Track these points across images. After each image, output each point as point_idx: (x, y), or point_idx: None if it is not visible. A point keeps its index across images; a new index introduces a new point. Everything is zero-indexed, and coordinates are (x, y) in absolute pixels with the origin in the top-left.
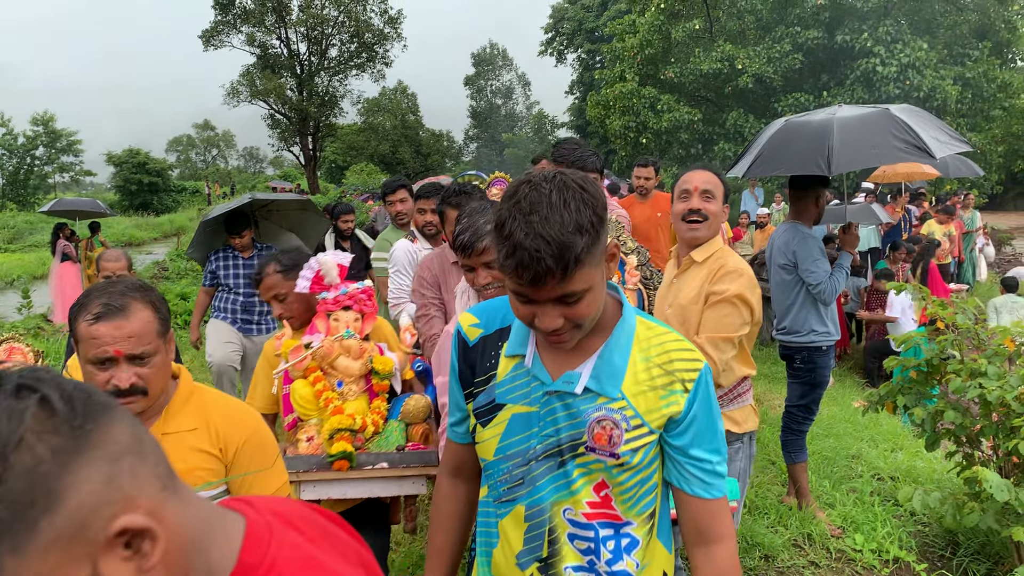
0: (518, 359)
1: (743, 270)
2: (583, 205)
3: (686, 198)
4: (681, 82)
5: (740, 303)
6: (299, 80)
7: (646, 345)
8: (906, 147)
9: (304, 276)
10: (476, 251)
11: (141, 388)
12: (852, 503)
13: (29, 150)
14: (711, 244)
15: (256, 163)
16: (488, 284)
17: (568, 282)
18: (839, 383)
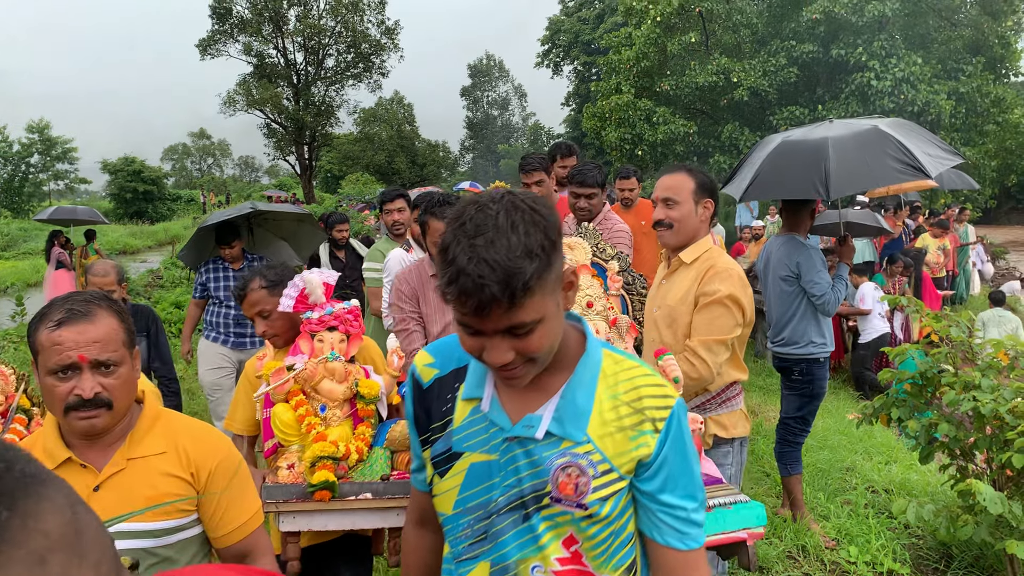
0: (475, 402)
1: (733, 270)
2: (533, 228)
3: (655, 206)
4: (677, 95)
5: (732, 304)
6: (295, 90)
7: (613, 381)
8: (903, 168)
9: (288, 294)
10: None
11: (106, 400)
12: (846, 515)
13: (24, 157)
14: (700, 244)
15: (252, 172)
16: None
17: (516, 312)
18: (833, 395)
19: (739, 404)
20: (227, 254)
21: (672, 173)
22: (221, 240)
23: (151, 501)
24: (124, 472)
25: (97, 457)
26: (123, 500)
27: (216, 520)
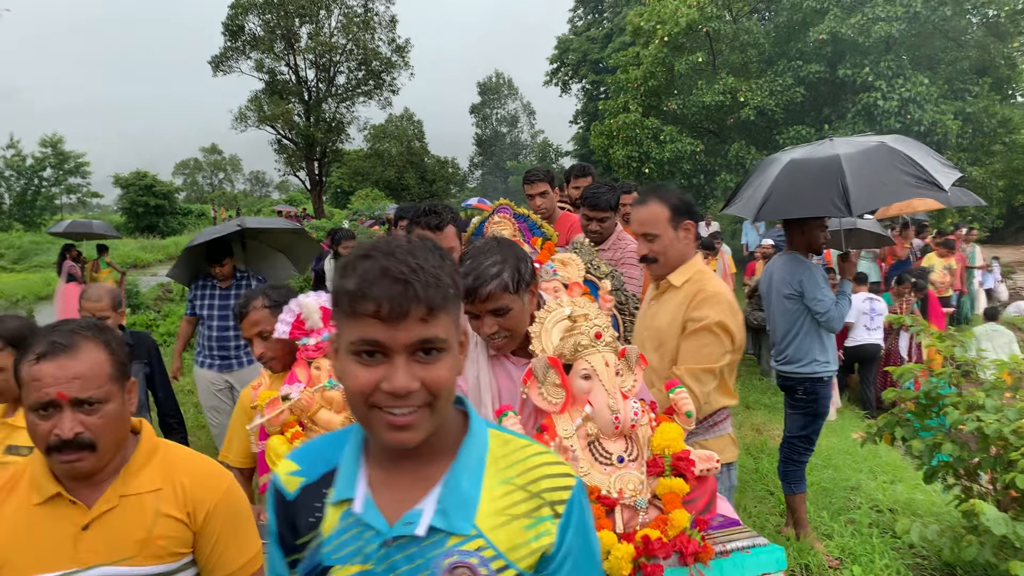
0: (347, 505)
1: (722, 295)
2: (447, 259)
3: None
4: (684, 113)
5: (720, 331)
6: (307, 106)
7: (504, 464)
8: (917, 182)
9: (283, 320)
10: (481, 297)
11: (87, 440)
12: (850, 534)
13: (37, 171)
14: (689, 266)
15: (262, 187)
16: (495, 333)
17: (433, 323)
18: (839, 414)
19: (727, 429)
20: (217, 272)
21: (644, 205)
22: (211, 258)
23: (142, 544)
24: (116, 510)
25: (88, 493)
26: (113, 541)
27: (213, 562)
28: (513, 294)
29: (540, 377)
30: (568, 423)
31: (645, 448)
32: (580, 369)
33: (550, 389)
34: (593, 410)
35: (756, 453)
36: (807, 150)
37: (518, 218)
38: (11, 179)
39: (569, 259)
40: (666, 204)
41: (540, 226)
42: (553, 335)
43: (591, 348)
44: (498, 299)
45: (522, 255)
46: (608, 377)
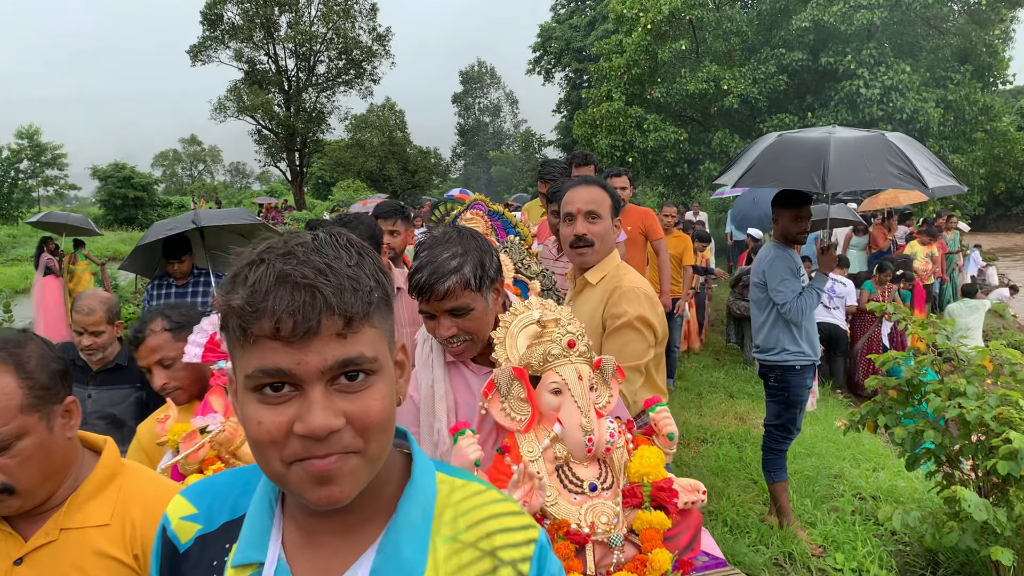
0: (253, 569)
1: (639, 288)
2: (367, 254)
3: (570, 222)
4: (667, 102)
5: (642, 326)
6: (287, 96)
7: (451, 516)
8: (900, 173)
9: (195, 341)
10: (438, 294)
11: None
12: (833, 522)
13: (13, 163)
14: (605, 263)
15: (243, 178)
16: (453, 337)
17: (353, 339)
18: (822, 402)
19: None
20: (174, 269)
21: (590, 186)
22: (169, 253)
23: None
24: (54, 545)
25: (27, 523)
26: None
27: None
28: (475, 292)
29: (503, 390)
30: (534, 444)
31: (621, 475)
32: (549, 382)
33: (514, 404)
34: (563, 430)
35: (739, 442)
36: (806, 131)
37: (492, 215)
38: None
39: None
40: (609, 195)
41: (515, 225)
42: (519, 342)
43: (562, 358)
44: (457, 297)
45: (486, 247)
46: (581, 392)
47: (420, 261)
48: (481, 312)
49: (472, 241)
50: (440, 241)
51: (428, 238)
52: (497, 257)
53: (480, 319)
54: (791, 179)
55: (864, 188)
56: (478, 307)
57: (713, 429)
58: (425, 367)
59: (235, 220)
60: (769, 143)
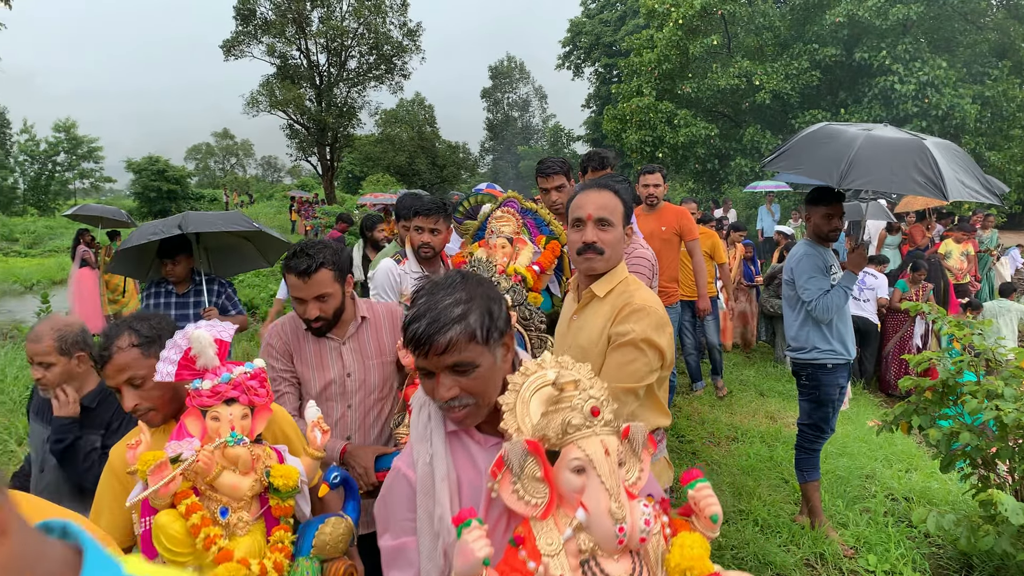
0: None
1: (651, 307)
2: None
3: (579, 228)
4: (698, 97)
5: (647, 347)
6: (318, 91)
7: None
8: (924, 181)
9: (167, 358)
10: (438, 347)
11: None
12: (865, 523)
13: (51, 156)
14: (613, 275)
15: (274, 172)
16: (455, 399)
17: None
18: (854, 402)
19: (663, 452)
20: (170, 272)
21: (600, 190)
22: (163, 252)
23: None
24: None
25: None
26: None
27: None
28: (481, 345)
29: (515, 468)
30: (554, 533)
31: (659, 569)
32: (571, 459)
33: (529, 485)
34: (588, 517)
35: (770, 441)
36: (850, 124)
37: (524, 213)
38: (25, 164)
39: None
40: (622, 200)
41: (548, 223)
42: (532, 408)
43: (585, 429)
44: (461, 350)
45: (494, 295)
46: (609, 470)
47: (417, 309)
48: (488, 370)
49: (478, 287)
50: (441, 286)
51: (427, 282)
52: (506, 307)
53: (486, 378)
54: (813, 170)
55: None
56: (484, 364)
57: (744, 427)
58: (422, 439)
59: (228, 225)
60: (812, 129)
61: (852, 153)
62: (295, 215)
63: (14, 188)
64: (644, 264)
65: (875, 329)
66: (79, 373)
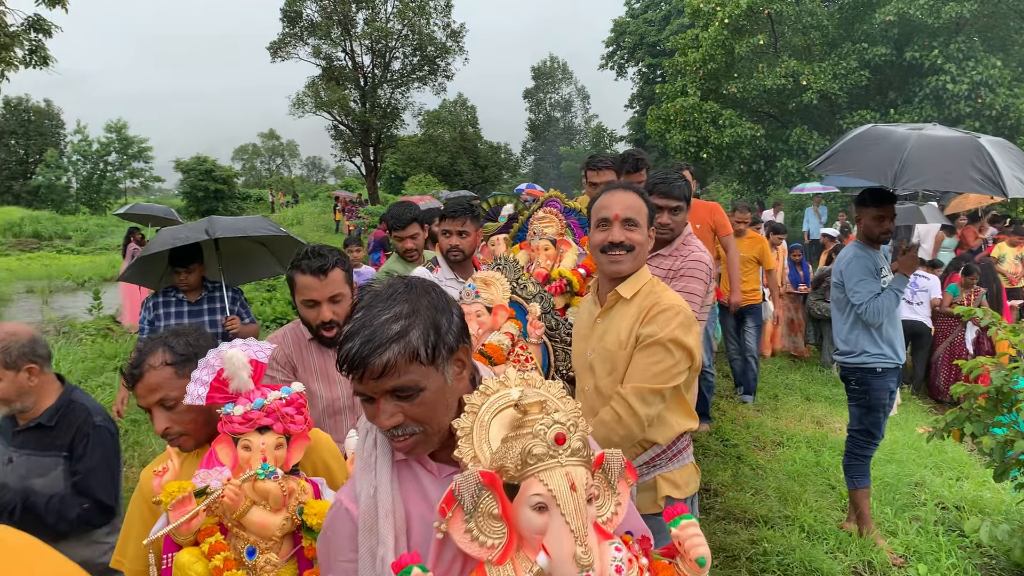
0: None
1: (678, 307)
2: None
3: (605, 227)
4: (744, 97)
5: (675, 347)
6: (362, 92)
7: None
8: (982, 179)
9: (199, 379)
10: (373, 370)
11: None
12: (915, 532)
13: (102, 156)
14: (639, 276)
15: (319, 172)
16: (398, 427)
17: None
18: (902, 407)
19: (689, 457)
20: (183, 280)
21: (626, 192)
22: (176, 262)
23: None
24: None
25: None
26: None
27: None
28: (426, 365)
29: (467, 504)
30: None
31: None
32: (531, 494)
33: (484, 523)
34: (550, 562)
35: (817, 446)
36: (899, 125)
37: (568, 213)
38: (78, 163)
39: (492, 278)
40: (647, 203)
41: None
42: (492, 432)
43: (548, 459)
44: (401, 373)
45: (443, 304)
46: (575, 508)
47: (352, 325)
48: (435, 393)
49: (424, 297)
50: (380, 297)
51: (366, 294)
52: (459, 316)
53: (434, 402)
54: (866, 171)
55: (938, 188)
56: (431, 386)
57: (789, 432)
58: (366, 469)
59: (256, 231)
60: (859, 131)
61: (904, 153)
62: (339, 215)
63: (67, 187)
64: (701, 268)
65: (928, 332)
66: (31, 388)
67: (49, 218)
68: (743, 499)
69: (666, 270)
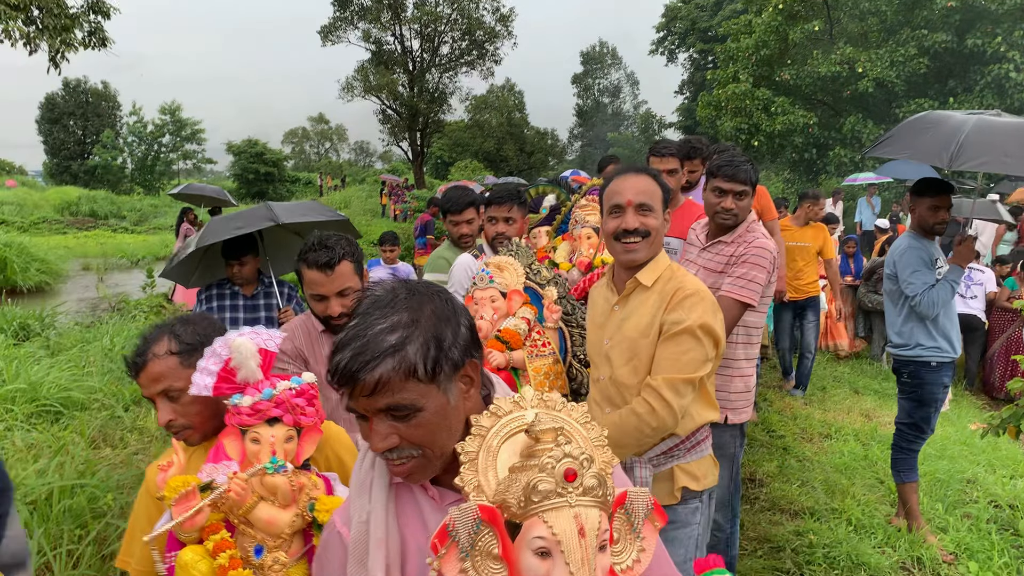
0: None
1: (703, 292)
2: None
3: (618, 214)
4: (797, 84)
5: (703, 335)
6: (411, 76)
7: None
8: None
9: (205, 368)
10: (365, 387)
11: None
12: (967, 529)
13: (157, 138)
14: (657, 262)
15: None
16: (394, 449)
17: None
18: (955, 403)
19: (708, 449)
20: (236, 273)
21: (639, 175)
22: (229, 253)
23: None
24: None
25: None
26: None
27: None
28: (426, 383)
29: (463, 541)
30: None
31: None
32: (533, 536)
33: (481, 564)
34: None
35: (865, 440)
36: (957, 112)
37: None
38: (133, 145)
39: (506, 263)
40: (661, 187)
41: None
42: (501, 460)
43: (556, 498)
44: (395, 391)
45: (448, 312)
46: (582, 557)
47: (345, 334)
48: (436, 413)
49: (427, 304)
50: (379, 303)
51: (365, 297)
52: (469, 327)
53: (433, 424)
54: (920, 153)
55: (997, 171)
56: (431, 406)
57: (837, 425)
58: (361, 491)
59: (316, 216)
60: (917, 116)
61: (963, 136)
62: (385, 199)
63: (123, 168)
64: (765, 256)
65: (982, 327)
66: None
67: (105, 197)
68: (789, 490)
69: (727, 257)
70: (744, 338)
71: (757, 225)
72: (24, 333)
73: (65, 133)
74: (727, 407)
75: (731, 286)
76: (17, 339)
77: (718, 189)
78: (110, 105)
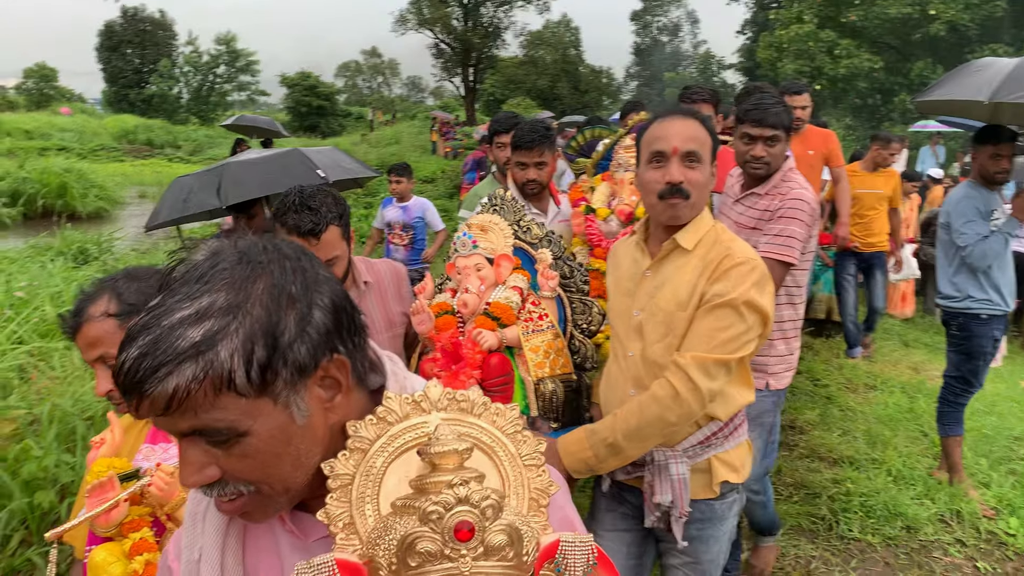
0: None
1: (755, 262)
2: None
3: (661, 163)
4: (864, 27)
5: (748, 311)
6: (465, 10)
7: None
8: None
9: None
10: (153, 403)
11: None
12: (1010, 485)
13: (212, 68)
14: (699, 222)
15: (418, 92)
16: (215, 485)
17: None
18: (1009, 359)
19: (744, 434)
20: (246, 227)
21: (687, 119)
22: (239, 205)
23: None
24: None
25: None
26: None
27: None
28: (251, 396)
29: None
30: None
31: None
32: None
33: None
34: None
35: (912, 392)
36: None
37: None
38: (189, 74)
39: (490, 222)
40: (711, 133)
41: None
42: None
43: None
44: (200, 408)
45: (290, 291)
46: None
47: (135, 322)
48: (270, 438)
49: (262, 278)
50: (188, 278)
51: (177, 266)
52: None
53: (267, 453)
54: (962, 89)
55: None
56: (260, 428)
57: (884, 376)
58: (194, 522)
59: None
60: (969, 63)
61: (1009, 70)
62: (435, 136)
63: (179, 97)
64: (803, 208)
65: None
66: None
67: (161, 127)
68: (829, 439)
69: (761, 210)
70: (786, 299)
71: (794, 173)
72: (83, 257)
73: (123, 61)
74: (767, 372)
75: (769, 245)
76: (76, 262)
77: (747, 136)
78: (167, 34)
